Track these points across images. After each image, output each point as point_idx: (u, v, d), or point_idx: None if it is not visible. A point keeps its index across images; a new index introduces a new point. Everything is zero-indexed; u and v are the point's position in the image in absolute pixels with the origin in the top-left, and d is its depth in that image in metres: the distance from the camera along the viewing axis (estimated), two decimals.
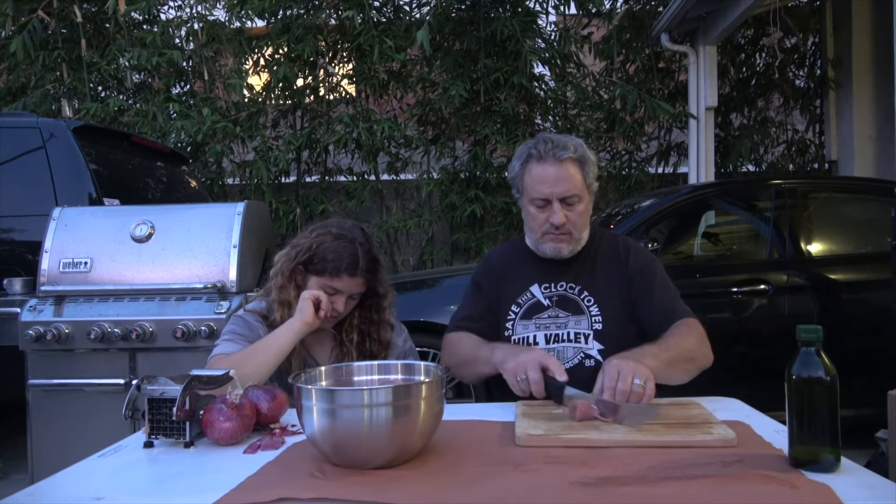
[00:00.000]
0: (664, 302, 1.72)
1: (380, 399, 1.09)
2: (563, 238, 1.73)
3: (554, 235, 1.73)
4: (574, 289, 1.76)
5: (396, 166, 6.38)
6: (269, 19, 6.19)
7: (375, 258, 1.70)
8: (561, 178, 1.69)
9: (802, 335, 1.05)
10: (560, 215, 1.69)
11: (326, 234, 1.68)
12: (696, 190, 4.27)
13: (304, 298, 1.61)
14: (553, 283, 1.78)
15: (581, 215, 1.73)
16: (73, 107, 6.12)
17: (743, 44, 6.98)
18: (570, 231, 1.72)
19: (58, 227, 2.87)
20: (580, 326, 1.73)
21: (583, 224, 1.75)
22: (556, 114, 6.60)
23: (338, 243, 1.65)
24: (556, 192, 1.69)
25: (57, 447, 2.71)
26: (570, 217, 1.71)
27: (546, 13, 6.37)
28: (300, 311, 1.61)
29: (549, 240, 1.74)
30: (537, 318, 1.76)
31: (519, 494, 0.98)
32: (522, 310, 1.78)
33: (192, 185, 4.71)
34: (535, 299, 1.78)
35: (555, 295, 1.77)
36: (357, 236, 1.68)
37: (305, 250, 1.67)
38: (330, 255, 1.64)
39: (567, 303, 1.76)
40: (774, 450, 1.14)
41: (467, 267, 4.88)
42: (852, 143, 6.29)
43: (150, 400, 1.29)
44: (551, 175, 1.69)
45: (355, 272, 1.64)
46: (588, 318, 1.74)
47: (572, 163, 1.70)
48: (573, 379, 1.58)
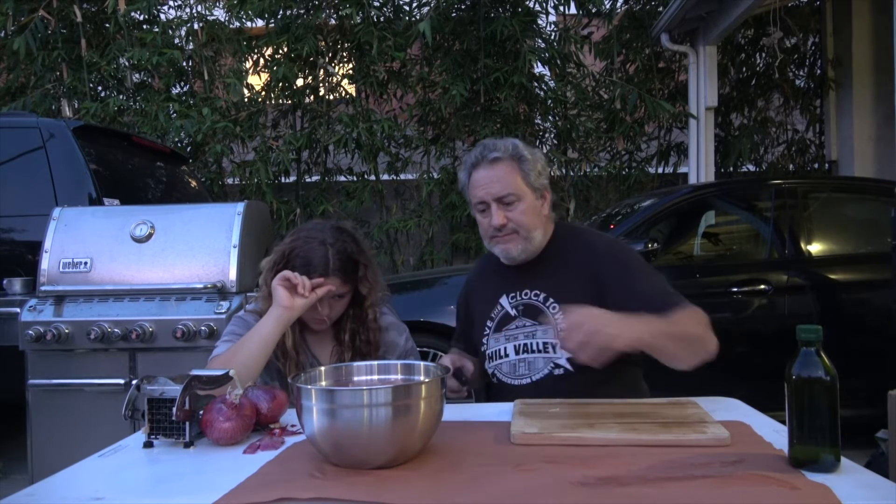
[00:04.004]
0: (652, 294, 1.59)
1: (380, 399, 1.09)
2: (508, 239, 1.69)
3: (499, 238, 1.69)
4: (539, 296, 1.70)
5: (396, 166, 6.38)
6: (268, 19, 6.19)
7: (352, 258, 1.69)
8: (493, 180, 1.66)
9: (802, 335, 1.05)
10: (498, 216, 1.66)
11: (298, 239, 1.69)
12: (696, 190, 4.28)
13: (275, 286, 1.62)
14: (518, 292, 1.73)
15: (524, 214, 1.67)
16: (73, 107, 6.12)
17: (743, 44, 6.98)
18: (514, 230, 1.67)
19: (58, 227, 2.87)
20: (548, 335, 1.67)
21: (530, 223, 1.68)
22: (556, 114, 6.60)
23: (309, 247, 1.66)
24: (490, 194, 1.66)
25: (57, 447, 2.70)
26: (512, 216, 1.66)
27: (546, 13, 6.38)
28: (275, 298, 1.62)
29: (496, 243, 1.71)
30: (507, 330, 1.72)
31: (519, 494, 0.98)
32: (495, 323, 1.75)
33: (192, 185, 4.71)
34: (504, 310, 1.74)
35: (520, 304, 1.72)
36: (327, 238, 1.68)
37: (281, 257, 1.69)
38: (300, 260, 1.65)
39: (533, 311, 1.70)
40: (774, 450, 1.14)
41: (467, 267, 4.89)
42: (852, 143, 6.29)
43: (149, 400, 1.29)
44: (484, 178, 1.67)
45: (326, 273, 1.64)
46: (554, 326, 1.65)
47: (505, 163, 1.67)
48: (541, 389, 1.60)
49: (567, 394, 1.55)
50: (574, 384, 1.61)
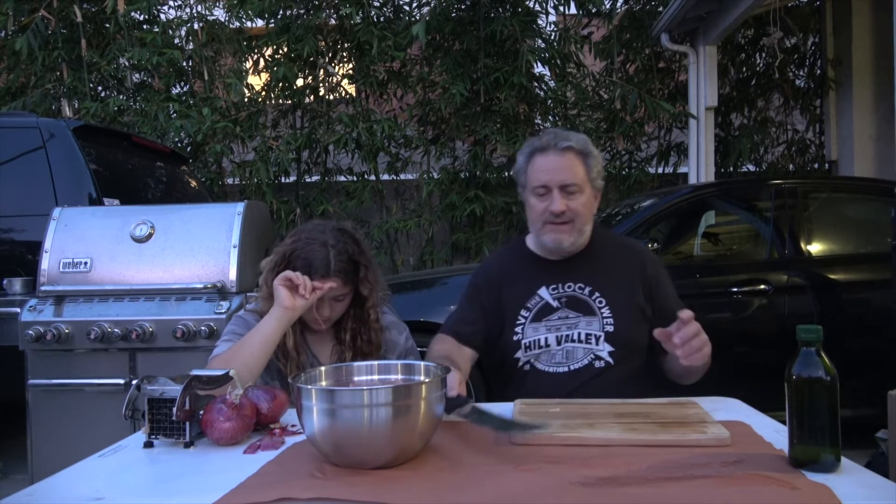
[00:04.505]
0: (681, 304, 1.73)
1: (380, 399, 1.09)
2: (563, 228, 1.71)
3: (554, 225, 1.71)
4: (584, 289, 1.75)
5: (396, 166, 6.38)
6: (268, 19, 6.19)
7: (353, 259, 1.69)
8: (561, 167, 1.69)
9: (802, 335, 1.05)
10: (559, 203, 1.68)
11: (299, 241, 1.69)
12: (696, 190, 4.28)
13: (276, 285, 1.62)
14: (561, 284, 1.76)
15: (583, 206, 1.72)
16: (73, 107, 6.12)
17: (743, 44, 6.98)
18: (571, 220, 1.70)
19: (58, 227, 2.86)
20: (591, 328, 1.72)
21: (585, 216, 1.73)
22: (556, 114, 6.60)
23: (310, 248, 1.66)
24: (555, 180, 1.69)
25: (57, 447, 2.70)
26: (571, 206, 1.70)
27: (546, 13, 6.38)
28: (276, 298, 1.62)
29: (550, 230, 1.72)
30: (547, 321, 1.75)
31: (519, 495, 0.98)
32: (532, 313, 1.76)
33: (192, 185, 4.71)
34: (545, 301, 1.76)
35: (563, 296, 1.76)
36: (329, 239, 1.67)
37: (282, 258, 1.69)
38: (301, 262, 1.65)
39: (577, 304, 1.75)
40: (774, 450, 1.14)
41: (467, 267, 4.89)
42: (852, 143, 6.29)
43: (150, 400, 1.29)
44: (552, 163, 1.70)
45: (328, 274, 1.64)
46: (600, 319, 1.73)
47: (575, 154, 1.71)
48: (582, 377, 1.64)
49: (604, 384, 1.64)
50: (612, 376, 1.69)
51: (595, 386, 1.67)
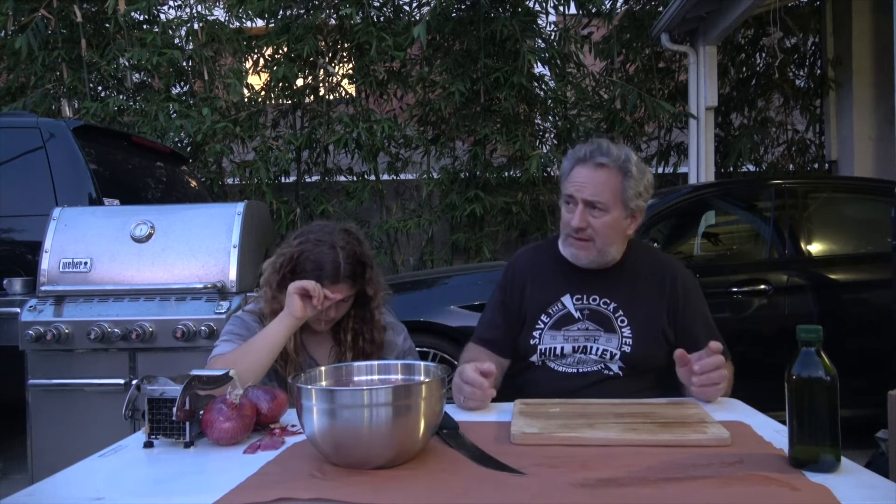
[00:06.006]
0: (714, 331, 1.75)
1: (380, 399, 1.09)
2: (582, 244, 1.68)
3: (574, 239, 1.69)
4: (608, 305, 1.71)
5: (396, 166, 6.38)
6: (268, 19, 6.19)
7: (361, 261, 1.69)
8: (592, 182, 1.65)
9: (802, 335, 1.05)
10: (580, 218, 1.65)
11: (307, 242, 1.67)
12: (696, 190, 4.28)
13: (290, 293, 1.61)
14: (586, 296, 1.73)
15: (607, 226, 1.66)
16: (73, 107, 6.12)
17: (743, 44, 6.98)
18: (591, 237, 1.67)
19: (58, 227, 2.87)
20: (610, 344, 1.69)
21: (608, 236, 1.67)
22: (556, 114, 6.60)
23: (319, 251, 1.64)
24: (581, 195, 1.65)
25: (57, 447, 2.70)
26: (593, 224, 1.65)
27: (546, 13, 6.38)
28: (288, 306, 1.61)
29: (570, 243, 1.71)
30: (566, 330, 1.72)
31: (519, 495, 0.98)
32: (553, 320, 1.73)
33: (192, 185, 4.71)
34: (567, 311, 1.73)
35: (587, 308, 1.72)
36: (338, 241, 1.66)
37: (288, 260, 1.67)
38: (311, 265, 1.63)
39: (599, 318, 1.71)
40: (774, 450, 1.14)
41: (467, 267, 4.89)
42: (852, 143, 6.29)
43: (150, 400, 1.29)
44: (584, 177, 1.66)
45: (338, 279, 1.63)
46: (619, 338, 1.69)
47: (610, 171, 1.65)
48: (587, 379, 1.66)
49: (610, 389, 1.64)
50: (619, 384, 1.68)
51: (602, 388, 1.67)
